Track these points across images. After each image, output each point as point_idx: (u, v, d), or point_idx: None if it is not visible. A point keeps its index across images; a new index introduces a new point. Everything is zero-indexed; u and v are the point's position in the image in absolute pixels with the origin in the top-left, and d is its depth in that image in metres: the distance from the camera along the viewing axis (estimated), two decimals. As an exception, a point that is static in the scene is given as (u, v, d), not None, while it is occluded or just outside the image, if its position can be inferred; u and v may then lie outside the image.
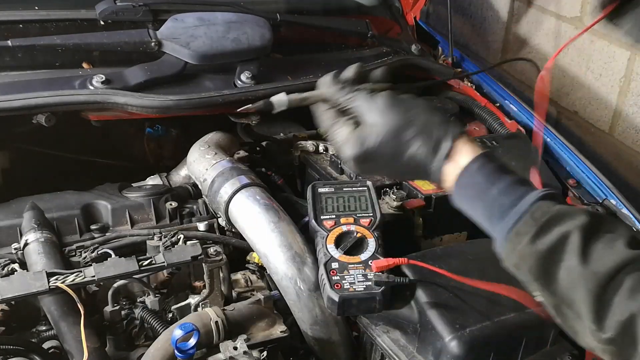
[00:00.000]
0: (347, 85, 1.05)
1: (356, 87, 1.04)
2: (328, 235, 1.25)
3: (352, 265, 1.19)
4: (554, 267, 0.83)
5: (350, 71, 1.07)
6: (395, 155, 0.98)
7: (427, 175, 0.99)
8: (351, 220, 1.29)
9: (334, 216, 1.29)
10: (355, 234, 1.25)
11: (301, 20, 1.91)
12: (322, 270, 1.18)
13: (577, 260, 0.81)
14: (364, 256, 1.21)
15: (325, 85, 1.08)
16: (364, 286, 1.15)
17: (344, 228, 1.27)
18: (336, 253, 1.21)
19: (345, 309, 1.15)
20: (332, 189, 1.35)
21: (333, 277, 1.16)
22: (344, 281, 1.15)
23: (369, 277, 1.16)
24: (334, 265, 1.19)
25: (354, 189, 1.36)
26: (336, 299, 1.13)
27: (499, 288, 1.08)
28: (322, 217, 1.29)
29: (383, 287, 1.14)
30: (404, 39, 2.10)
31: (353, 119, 1.03)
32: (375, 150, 0.98)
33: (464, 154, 0.96)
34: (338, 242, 1.24)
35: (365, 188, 1.36)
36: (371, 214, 1.30)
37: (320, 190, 1.35)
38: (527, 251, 0.86)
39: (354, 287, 1.14)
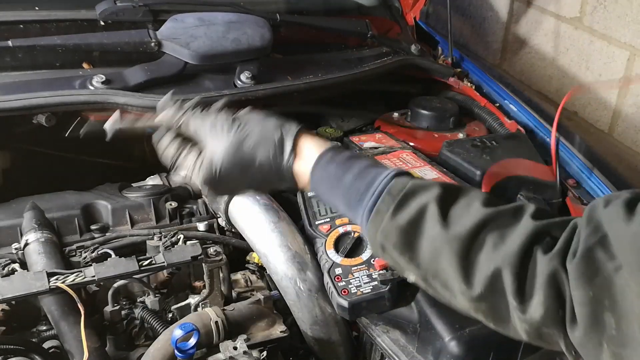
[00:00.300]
0: (183, 107, 1.05)
1: (191, 108, 1.04)
2: (326, 240, 1.25)
3: (355, 268, 1.19)
4: (417, 239, 0.84)
5: (192, 101, 1.07)
6: (244, 169, 0.98)
7: (281, 178, 0.99)
8: (346, 220, 1.29)
9: (328, 219, 1.29)
10: (352, 234, 1.25)
11: (301, 21, 1.91)
12: (327, 278, 1.19)
13: (438, 228, 0.82)
14: (365, 255, 1.21)
15: (162, 108, 1.07)
16: (371, 287, 1.15)
17: (341, 230, 1.27)
18: (337, 258, 1.21)
19: (356, 313, 1.15)
20: None
21: (339, 284, 1.16)
22: (350, 285, 1.16)
23: (373, 276, 1.17)
24: (338, 270, 1.19)
25: None
26: (346, 305, 1.13)
27: None
28: (316, 223, 1.29)
29: (390, 285, 1.14)
30: (403, 39, 2.10)
31: (195, 145, 1.03)
32: (223, 171, 0.98)
33: (311, 149, 0.96)
34: (337, 246, 1.24)
35: None
36: None
37: (310, 194, 1.34)
38: (389, 228, 0.86)
39: (361, 290, 1.15)
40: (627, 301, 0.69)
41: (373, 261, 1.19)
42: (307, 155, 0.96)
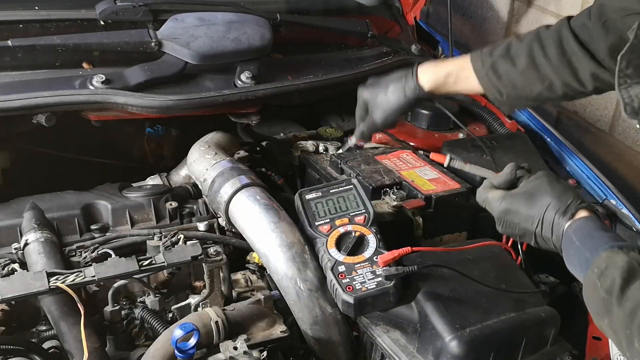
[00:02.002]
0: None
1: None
2: (327, 239, 1.25)
3: (359, 265, 1.19)
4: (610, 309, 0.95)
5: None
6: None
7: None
8: (346, 220, 1.29)
9: (327, 220, 1.29)
10: (354, 234, 1.25)
11: (301, 20, 1.91)
12: (330, 275, 1.18)
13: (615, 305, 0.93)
14: (367, 253, 1.21)
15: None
16: (375, 283, 1.15)
17: (341, 230, 1.27)
18: (340, 256, 1.21)
19: (361, 309, 1.15)
20: (320, 194, 1.35)
21: (343, 281, 1.16)
22: (354, 282, 1.16)
23: (377, 273, 1.17)
24: (341, 268, 1.19)
25: (340, 189, 1.35)
26: (351, 301, 1.13)
27: (480, 243, 1.28)
28: (316, 224, 1.29)
29: (394, 280, 1.14)
30: (404, 39, 2.10)
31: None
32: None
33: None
34: (339, 245, 1.24)
35: (352, 186, 1.36)
36: (364, 211, 1.30)
37: (308, 196, 1.34)
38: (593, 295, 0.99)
39: (365, 286, 1.15)
40: None
41: (376, 258, 1.19)
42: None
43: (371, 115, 1.49)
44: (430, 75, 1.43)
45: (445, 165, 1.26)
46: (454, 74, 1.42)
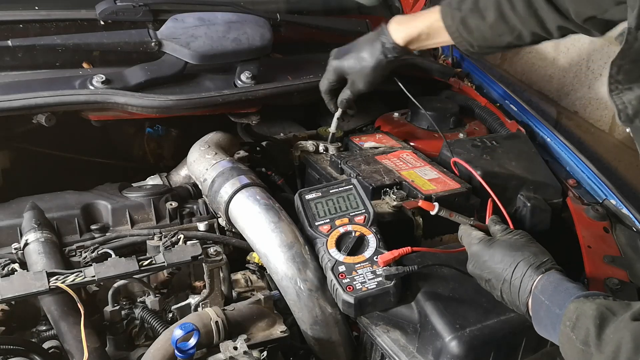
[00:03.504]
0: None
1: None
2: (327, 240, 1.25)
3: (359, 265, 1.19)
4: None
5: None
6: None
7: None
8: (346, 220, 1.29)
9: (327, 220, 1.29)
10: (354, 234, 1.25)
11: (301, 20, 1.91)
12: (330, 275, 1.18)
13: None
14: (367, 253, 1.21)
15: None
16: (376, 283, 1.15)
17: (341, 230, 1.27)
18: (340, 256, 1.21)
19: (362, 309, 1.15)
20: (320, 194, 1.35)
21: (343, 281, 1.16)
22: (354, 282, 1.16)
23: (377, 272, 1.17)
24: (341, 268, 1.19)
25: (340, 189, 1.35)
26: (352, 301, 1.13)
27: None
28: (316, 224, 1.29)
29: (394, 280, 1.14)
30: (404, 39, 2.10)
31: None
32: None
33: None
34: (339, 245, 1.24)
35: (352, 186, 1.36)
36: (364, 211, 1.30)
37: (308, 196, 1.34)
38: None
39: (365, 286, 1.15)
40: None
41: (376, 258, 1.19)
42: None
43: (353, 83, 1.55)
44: (403, 33, 1.49)
45: (434, 213, 1.26)
46: (425, 30, 1.48)
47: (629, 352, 0.86)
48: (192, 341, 1.06)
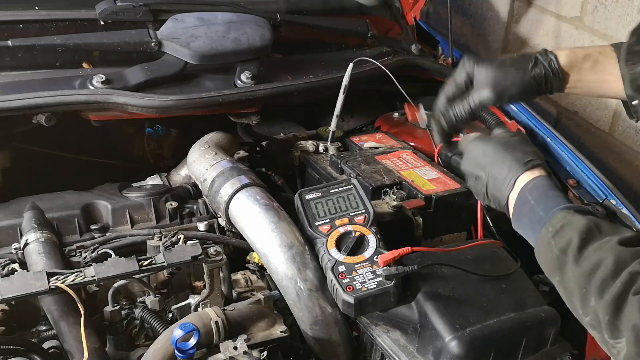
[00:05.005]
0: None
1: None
2: (327, 240, 1.25)
3: (359, 265, 1.19)
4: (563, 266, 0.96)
5: None
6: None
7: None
8: (346, 220, 1.29)
9: (327, 220, 1.29)
10: (354, 234, 1.25)
11: (301, 20, 1.91)
12: (330, 275, 1.18)
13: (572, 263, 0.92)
14: (367, 253, 1.21)
15: None
16: (376, 283, 1.15)
17: (341, 230, 1.27)
18: (340, 256, 1.21)
19: (362, 309, 1.15)
20: (319, 194, 1.35)
21: (343, 281, 1.16)
22: (354, 282, 1.16)
23: (377, 272, 1.17)
24: (341, 268, 1.19)
25: (340, 189, 1.35)
26: (352, 301, 1.13)
27: (480, 242, 1.31)
28: (316, 224, 1.29)
29: (394, 280, 1.14)
30: (404, 39, 2.10)
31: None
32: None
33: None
34: (339, 245, 1.24)
35: (352, 186, 1.36)
36: (364, 211, 1.30)
37: (308, 196, 1.34)
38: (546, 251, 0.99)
39: (365, 286, 1.15)
40: None
41: (376, 258, 1.19)
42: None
43: (479, 89, 1.20)
44: (567, 51, 1.18)
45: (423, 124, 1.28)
46: (592, 57, 1.17)
47: (606, 272, 0.87)
48: (192, 341, 1.06)
